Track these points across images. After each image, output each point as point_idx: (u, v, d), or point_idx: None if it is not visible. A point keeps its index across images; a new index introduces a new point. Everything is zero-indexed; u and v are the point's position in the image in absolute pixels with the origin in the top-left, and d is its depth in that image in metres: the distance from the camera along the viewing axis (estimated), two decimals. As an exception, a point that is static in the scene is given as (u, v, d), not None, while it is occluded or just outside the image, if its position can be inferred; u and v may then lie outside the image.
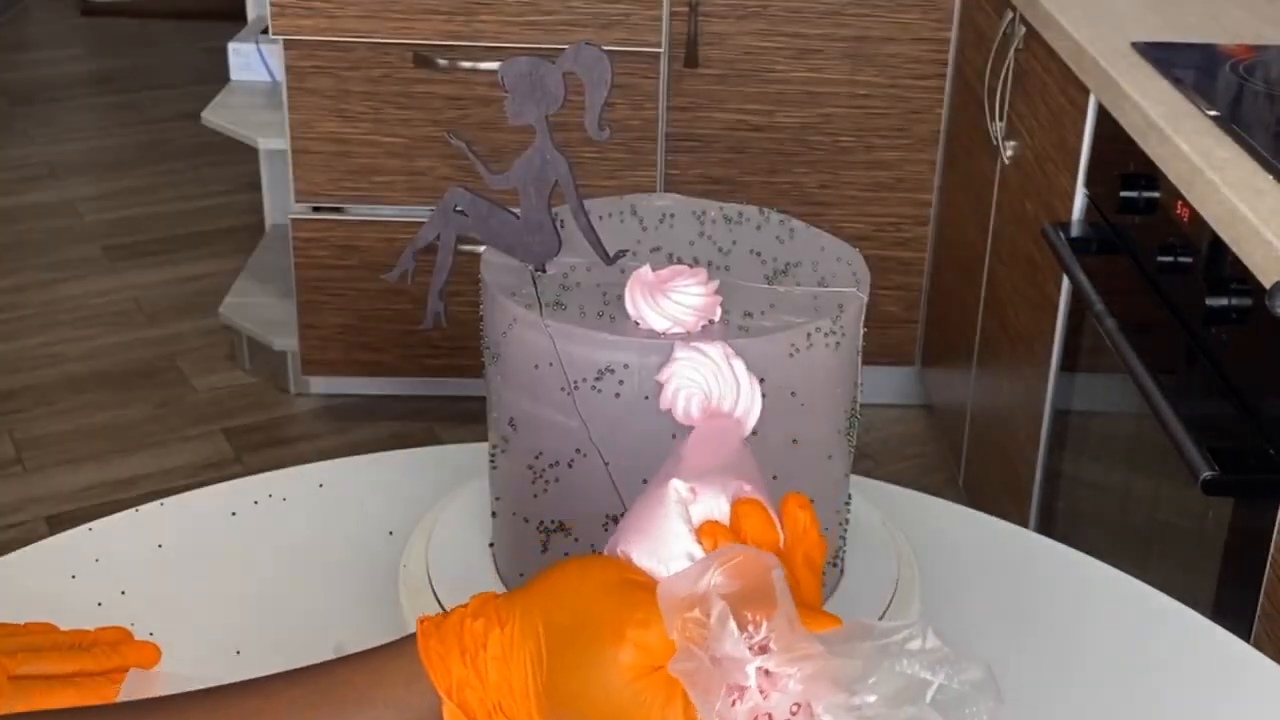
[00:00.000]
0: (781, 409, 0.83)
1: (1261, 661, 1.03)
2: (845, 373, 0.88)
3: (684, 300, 0.82)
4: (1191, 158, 1.57)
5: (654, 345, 0.81)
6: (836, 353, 0.85)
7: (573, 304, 0.86)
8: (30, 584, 1.06)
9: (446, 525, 0.98)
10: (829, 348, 0.84)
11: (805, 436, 0.86)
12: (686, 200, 0.99)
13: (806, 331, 0.83)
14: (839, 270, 0.90)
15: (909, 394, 3.01)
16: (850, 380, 0.89)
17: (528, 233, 0.89)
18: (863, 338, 0.91)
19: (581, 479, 0.85)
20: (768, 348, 0.82)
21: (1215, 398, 1.53)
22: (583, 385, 0.83)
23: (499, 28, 2.57)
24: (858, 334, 0.88)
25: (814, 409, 0.86)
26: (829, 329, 0.84)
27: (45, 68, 4.91)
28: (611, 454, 0.84)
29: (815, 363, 0.84)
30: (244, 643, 0.98)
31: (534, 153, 0.87)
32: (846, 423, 0.90)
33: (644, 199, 0.99)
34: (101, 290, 3.44)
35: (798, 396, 0.84)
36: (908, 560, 0.97)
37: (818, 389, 0.85)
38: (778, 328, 0.83)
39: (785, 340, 0.83)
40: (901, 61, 2.72)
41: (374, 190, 2.72)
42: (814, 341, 0.83)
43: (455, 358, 2.85)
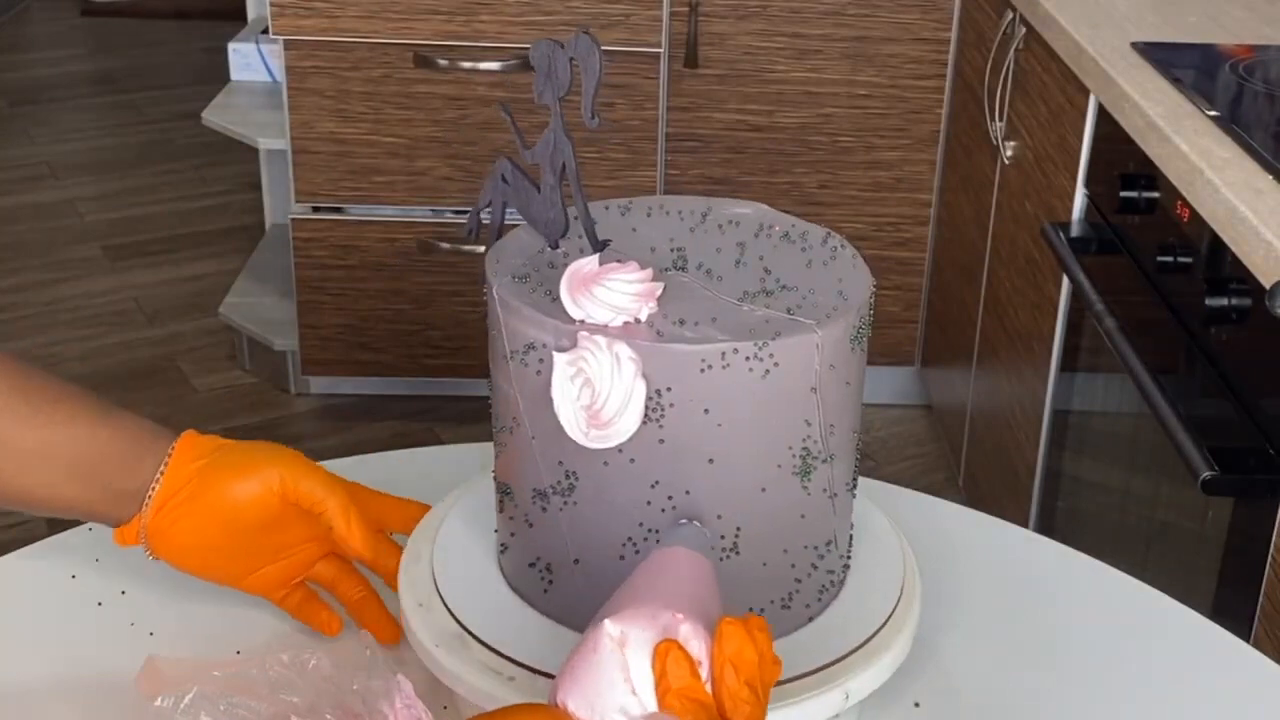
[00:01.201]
0: (695, 423, 0.82)
1: (1261, 661, 1.03)
2: (785, 407, 0.83)
3: (605, 295, 0.83)
4: (1191, 158, 1.57)
5: (566, 330, 0.82)
6: (765, 381, 0.82)
7: (539, 281, 0.87)
8: (30, 584, 1.06)
9: (449, 524, 0.98)
10: (752, 372, 0.81)
11: (724, 459, 0.84)
12: (766, 212, 0.97)
13: (721, 350, 0.81)
14: (826, 302, 0.86)
15: (909, 394, 3.01)
16: (797, 417, 0.84)
17: (543, 208, 0.90)
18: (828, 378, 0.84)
19: (518, 447, 0.88)
20: (673, 357, 0.81)
21: (1215, 398, 1.53)
22: (516, 357, 0.85)
23: (499, 28, 2.57)
24: (810, 371, 0.83)
25: (734, 433, 0.83)
26: (751, 353, 0.81)
27: (45, 68, 4.91)
28: (535, 429, 0.85)
29: (734, 385, 0.82)
30: (244, 643, 0.98)
31: (549, 133, 0.88)
32: (799, 462, 0.85)
33: (724, 204, 0.97)
34: (101, 290, 3.45)
35: (711, 415, 0.82)
36: (909, 562, 0.97)
37: (739, 413, 0.82)
38: (695, 339, 0.82)
39: (695, 354, 0.81)
40: (901, 61, 2.72)
41: (374, 190, 2.72)
42: (730, 362, 0.81)
43: (455, 358, 2.86)
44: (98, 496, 0.93)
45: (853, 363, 0.87)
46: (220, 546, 0.95)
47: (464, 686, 0.86)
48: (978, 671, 0.99)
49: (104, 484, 0.93)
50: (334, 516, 0.94)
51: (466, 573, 0.94)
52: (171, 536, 0.94)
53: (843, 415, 0.87)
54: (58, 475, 0.93)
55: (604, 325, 0.83)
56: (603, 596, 0.83)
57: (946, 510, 1.18)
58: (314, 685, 0.82)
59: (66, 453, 0.92)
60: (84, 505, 0.95)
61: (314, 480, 0.95)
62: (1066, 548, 1.14)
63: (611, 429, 0.82)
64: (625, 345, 0.81)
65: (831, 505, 0.89)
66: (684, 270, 0.90)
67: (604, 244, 0.91)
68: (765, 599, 0.88)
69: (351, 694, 0.82)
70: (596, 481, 0.84)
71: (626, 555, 0.85)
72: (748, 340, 0.81)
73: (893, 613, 0.92)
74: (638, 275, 0.84)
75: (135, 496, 0.94)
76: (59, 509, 0.95)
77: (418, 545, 0.97)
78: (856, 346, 0.87)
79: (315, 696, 0.82)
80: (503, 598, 0.92)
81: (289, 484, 0.94)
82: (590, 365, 0.81)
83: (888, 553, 0.97)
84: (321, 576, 0.99)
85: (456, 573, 0.94)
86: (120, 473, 0.93)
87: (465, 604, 0.91)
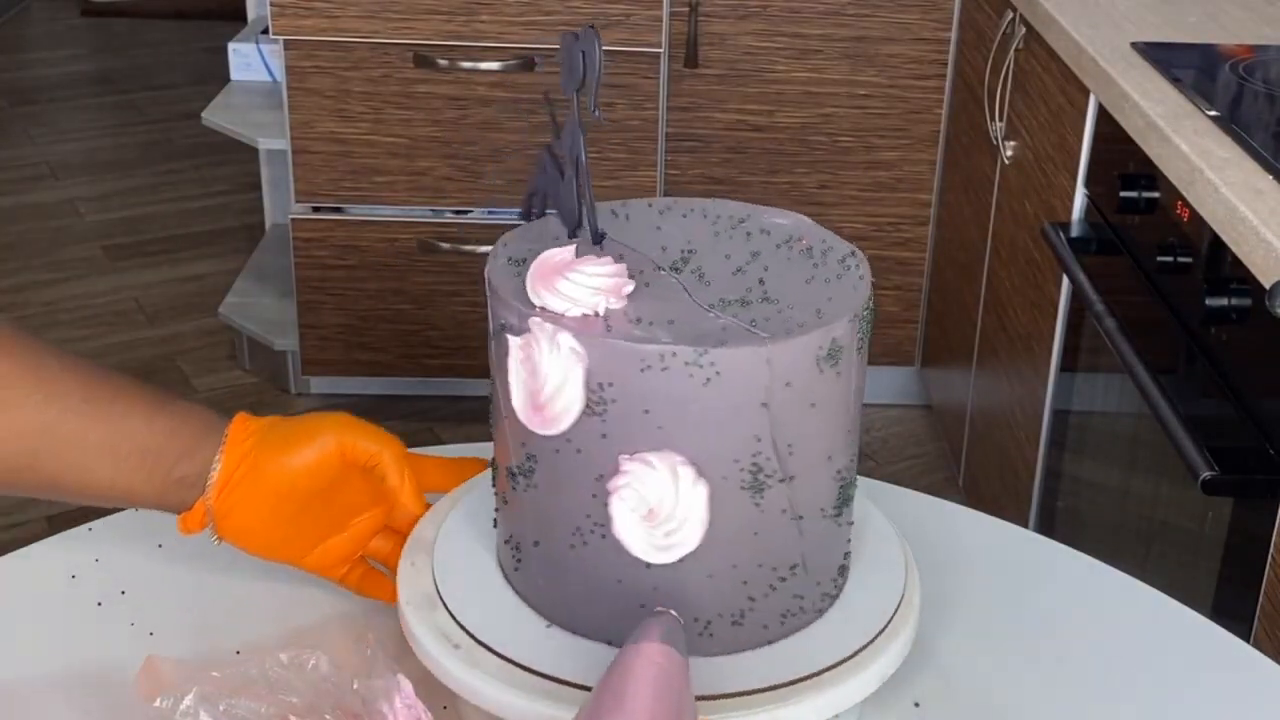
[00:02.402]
0: (636, 422, 0.82)
1: (1261, 661, 1.03)
2: (729, 418, 0.82)
3: (565, 287, 0.84)
4: (1191, 158, 1.57)
5: (523, 314, 0.84)
6: (707, 389, 0.81)
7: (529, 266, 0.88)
8: (30, 584, 1.06)
9: (449, 524, 0.98)
10: (693, 379, 0.81)
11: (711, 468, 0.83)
12: (805, 225, 0.95)
13: (660, 352, 0.81)
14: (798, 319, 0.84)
15: (909, 394, 3.01)
16: (744, 431, 0.83)
17: (566, 197, 0.91)
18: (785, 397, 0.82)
19: (498, 425, 0.89)
20: (614, 354, 0.81)
21: (1215, 398, 1.53)
22: (494, 336, 0.87)
23: (499, 28, 2.57)
24: (758, 386, 0.82)
25: (676, 436, 0.82)
26: (690, 359, 0.80)
27: (45, 68, 4.91)
28: (506, 408, 0.87)
29: (674, 388, 0.81)
30: (244, 643, 0.98)
31: (568, 123, 0.89)
32: (748, 477, 0.84)
33: (765, 213, 0.96)
34: (101, 290, 3.45)
35: (651, 415, 0.82)
36: (909, 562, 0.97)
37: (680, 417, 0.82)
38: (639, 339, 0.82)
39: (635, 353, 0.81)
40: (901, 61, 2.73)
41: (374, 190, 2.72)
42: (670, 365, 0.80)
43: (455, 358, 2.86)
44: (160, 484, 0.95)
45: (822, 384, 0.84)
46: (283, 519, 0.96)
47: (472, 693, 0.86)
48: (978, 671, 0.99)
49: (165, 471, 0.95)
50: (388, 469, 0.96)
51: (470, 572, 0.94)
52: (236, 517, 0.96)
53: (807, 438, 0.85)
54: (121, 467, 0.94)
55: (560, 315, 0.83)
56: (556, 584, 0.87)
57: (946, 510, 1.18)
58: (313, 685, 0.83)
59: (128, 445, 0.94)
60: (147, 494, 0.96)
61: (369, 437, 0.96)
62: (1066, 548, 1.14)
63: (549, 415, 0.83)
64: (569, 335, 0.82)
65: (797, 528, 0.87)
66: (678, 272, 0.89)
67: (602, 236, 0.92)
68: (711, 611, 0.87)
69: (351, 694, 0.82)
70: (549, 467, 0.86)
71: (575, 545, 0.86)
72: (688, 346, 0.81)
73: (893, 613, 0.92)
74: (605, 270, 0.85)
75: (196, 482, 0.95)
76: (121, 500, 0.97)
77: (417, 544, 0.97)
78: (828, 368, 0.84)
79: (315, 697, 0.82)
80: (505, 600, 0.92)
81: (346, 444, 0.96)
82: (534, 351, 0.83)
83: (888, 553, 0.97)
84: (378, 552, 1.01)
85: (458, 571, 0.94)
86: (181, 459, 0.95)
87: (465, 605, 0.91)
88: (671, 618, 0.82)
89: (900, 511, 1.03)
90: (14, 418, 0.91)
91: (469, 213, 2.75)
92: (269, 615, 1.02)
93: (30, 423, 0.92)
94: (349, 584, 1.01)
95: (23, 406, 0.92)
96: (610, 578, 0.86)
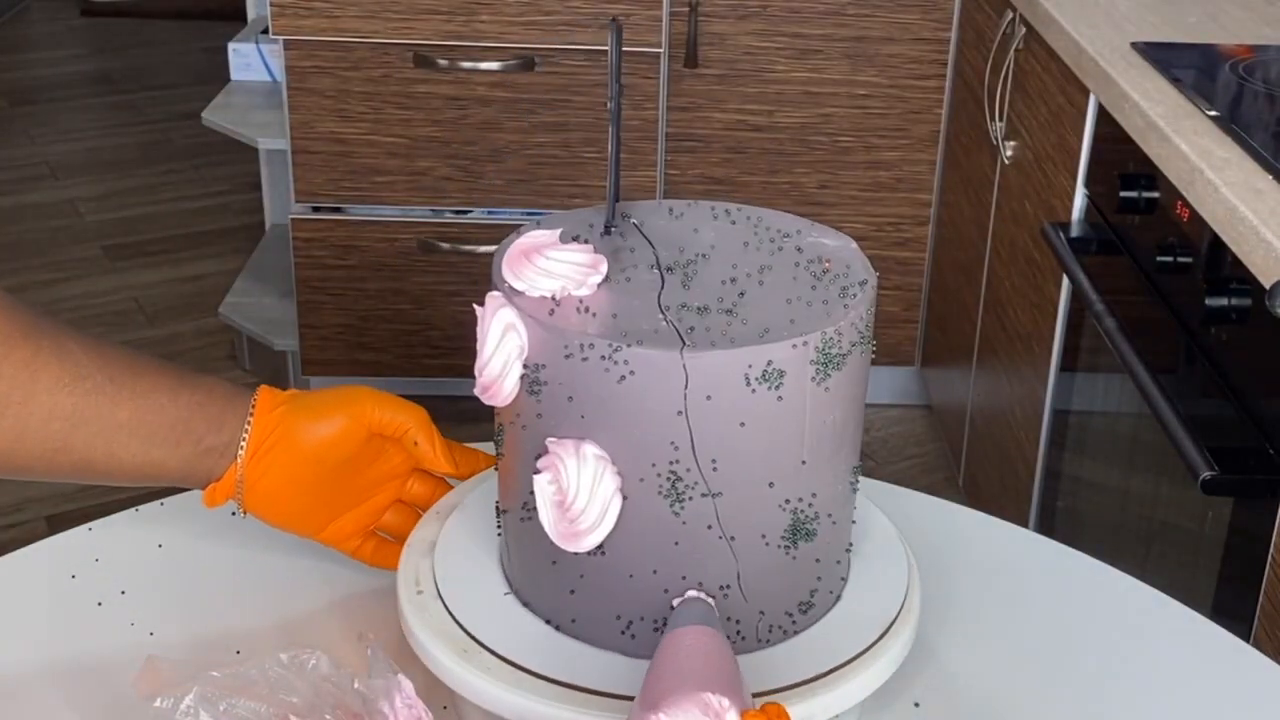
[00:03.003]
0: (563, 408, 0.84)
1: (1261, 661, 1.03)
2: (644, 421, 0.81)
3: (528, 270, 0.86)
4: (1191, 158, 1.57)
5: (494, 296, 0.86)
6: (621, 387, 0.81)
7: None
8: (30, 584, 1.06)
9: (449, 523, 0.98)
10: (608, 374, 0.80)
11: (628, 466, 0.83)
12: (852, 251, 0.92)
13: (580, 342, 0.81)
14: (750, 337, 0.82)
15: (909, 394, 3.01)
16: (660, 436, 0.82)
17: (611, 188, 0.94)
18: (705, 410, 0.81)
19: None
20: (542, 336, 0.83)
21: (1215, 398, 1.53)
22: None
23: (499, 28, 2.57)
24: (674, 394, 0.80)
25: (595, 428, 0.83)
26: (606, 353, 0.80)
27: (45, 68, 4.91)
28: None
29: (591, 381, 0.81)
30: (244, 643, 0.98)
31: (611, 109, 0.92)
32: (665, 484, 0.83)
33: (817, 230, 0.94)
34: (101, 290, 3.45)
35: (575, 403, 0.83)
36: (909, 562, 0.97)
37: (598, 411, 0.82)
38: (566, 326, 0.83)
39: (559, 338, 0.82)
40: (901, 61, 2.73)
41: (374, 190, 2.72)
42: (588, 356, 0.81)
43: (455, 358, 2.85)
44: (189, 455, 0.96)
45: (754, 405, 0.81)
46: (310, 490, 0.98)
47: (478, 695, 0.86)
48: (978, 671, 0.99)
49: (194, 442, 0.96)
50: (418, 432, 0.99)
51: (471, 571, 0.94)
52: (264, 485, 0.97)
53: (737, 456, 0.82)
54: (150, 442, 0.95)
55: (520, 293, 0.85)
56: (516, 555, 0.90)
57: (946, 510, 1.18)
58: (313, 685, 0.82)
59: (156, 420, 0.95)
60: (175, 467, 0.96)
61: (395, 406, 0.99)
62: (1066, 548, 1.14)
63: (493, 390, 0.86)
64: (510, 312, 0.84)
65: (729, 548, 0.85)
66: (671, 272, 0.89)
67: (609, 228, 0.93)
68: (633, 612, 0.87)
69: (351, 694, 0.82)
70: (509, 438, 0.89)
71: (525, 519, 0.88)
72: (604, 339, 0.81)
73: (895, 614, 0.92)
74: (575, 259, 0.86)
75: (225, 451, 0.97)
76: (150, 476, 0.97)
77: (417, 547, 0.97)
78: (763, 388, 0.81)
79: (315, 696, 0.82)
80: (508, 603, 0.92)
81: (373, 414, 0.98)
82: (482, 325, 0.85)
83: (888, 553, 0.97)
84: (390, 525, 1.03)
85: (459, 571, 0.94)
86: (209, 431, 0.96)
87: (466, 606, 0.91)
88: (703, 604, 0.83)
89: (900, 511, 1.03)
90: (44, 402, 0.92)
91: (469, 213, 2.75)
92: (269, 615, 1.02)
93: (60, 406, 0.93)
94: (362, 556, 1.02)
95: (53, 391, 0.92)
96: (546, 557, 0.88)
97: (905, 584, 0.94)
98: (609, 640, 0.88)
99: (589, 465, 0.83)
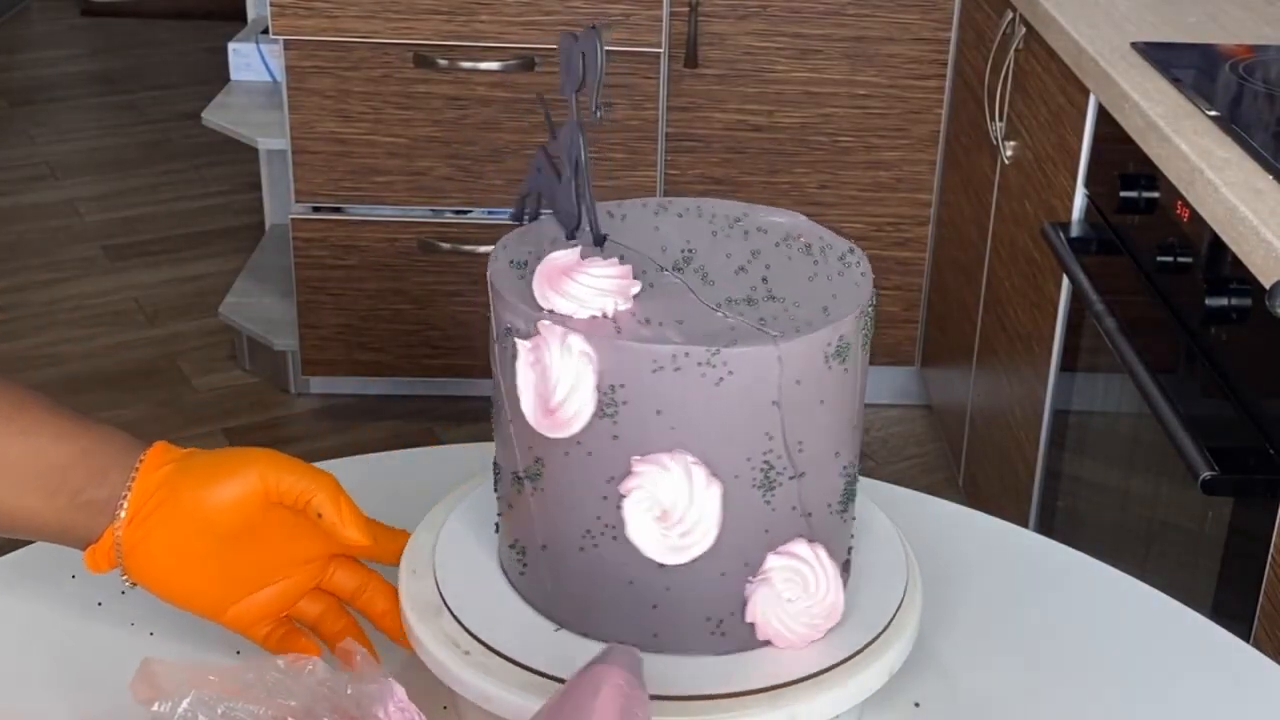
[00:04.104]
0: (648, 423, 0.82)
1: (1261, 661, 1.03)
2: (742, 417, 0.83)
3: (573, 289, 0.84)
4: (1191, 158, 1.57)
5: (531, 317, 0.83)
6: (719, 389, 0.81)
7: (532, 269, 0.87)
8: (30, 584, 1.06)
9: (450, 523, 0.98)
10: (705, 378, 0.81)
11: (723, 466, 0.84)
12: (801, 223, 0.95)
13: (672, 353, 0.81)
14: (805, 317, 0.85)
15: (909, 394, 3.01)
16: (756, 429, 0.83)
17: (564, 199, 0.91)
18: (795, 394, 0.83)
19: (502, 429, 0.89)
20: (626, 355, 0.81)
21: (1215, 398, 1.53)
22: (498, 340, 0.86)
23: (499, 28, 2.57)
24: (769, 384, 0.82)
25: (689, 437, 0.83)
26: (703, 359, 0.80)
27: (45, 68, 4.91)
28: (513, 411, 0.86)
29: (686, 389, 0.81)
30: (244, 643, 0.98)
31: (567, 125, 0.89)
32: (760, 476, 0.85)
33: (761, 211, 0.96)
34: (101, 290, 3.45)
35: (664, 416, 0.82)
36: (909, 562, 0.97)
37: (692, 418, 0.82)
38: (650, 339, 0.82)
39: (647, 354, 0.81)
40: (901, 61, 2.72)
41: (374, 190, 2.72)
42: (682, 366, 0.81)
43: (455, 358, 2.86)
44: (63, 508, 0.87)
45: (831, 381, 0.85)
46: (199, 561, 0.88)
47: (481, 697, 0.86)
48: (978, 671, 0.99)
49: (71, 494, 0.87)
50: (323, 504, 0.88)
51: (470, 571, 0.94)
52: (147, 551, 0.87)
53: (816, 434, 0.85)
54: (21, 488, 0.86)
55: (568, 317, 0.83)
56: (565, 587, 0.87)
57: (946, 510, 1.18)
58: (310, 689, 0.82)
59: (31, 464, 0.87)
60: (51, 518, 0.87)
61: (297, 473, 0.88)
62: (1066, 548, 1.14)
63: (560, 418, 0.83)
64: (579, 338, 0.82)
65: (806, 524, 0.87)
66: (681, 272, 0.90)
67: (603, 238, 0.91)
68: (725, 610, 0.87)
69: (347, 698, 0.82)
70: (559, 470, 0.86)
71: (585, 548, 0.86)
72: (700, 345, 0.81)
73: (894, 614, 0.92)
74: (611, 271, 0.85)
75: (104, 507, 0.87)
76: (23, 526, 0.88)
77: (417, 544, 0.97)
78: (836, 364, 0.84)
79: (311, 701, 0.82)
80: (513, 606, 0.92)
81: (270, 481, 0.87)
82: (544, 354, 0.82)
83: (888, 553, 0.97)
84: (305, 614, 0.94)
85: (458, 571, 0.93)
86: (90, 482, 0.87)
87: (469, 608, 0.91)
88: (633, 653, 0.81)
89: (900, 511, 1.03)
90: None
91: (469, 213, 2.75)
92: (268, 616, 1.02)
93: None
94: (269, 645, 0.92)
95: None
96: (621, 579, 0.86)
97: (905, 584, 0.94)
98: (697, 644, 0.87)
99: (691, 475, 0.82)
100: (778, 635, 0.87)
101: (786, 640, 0.87)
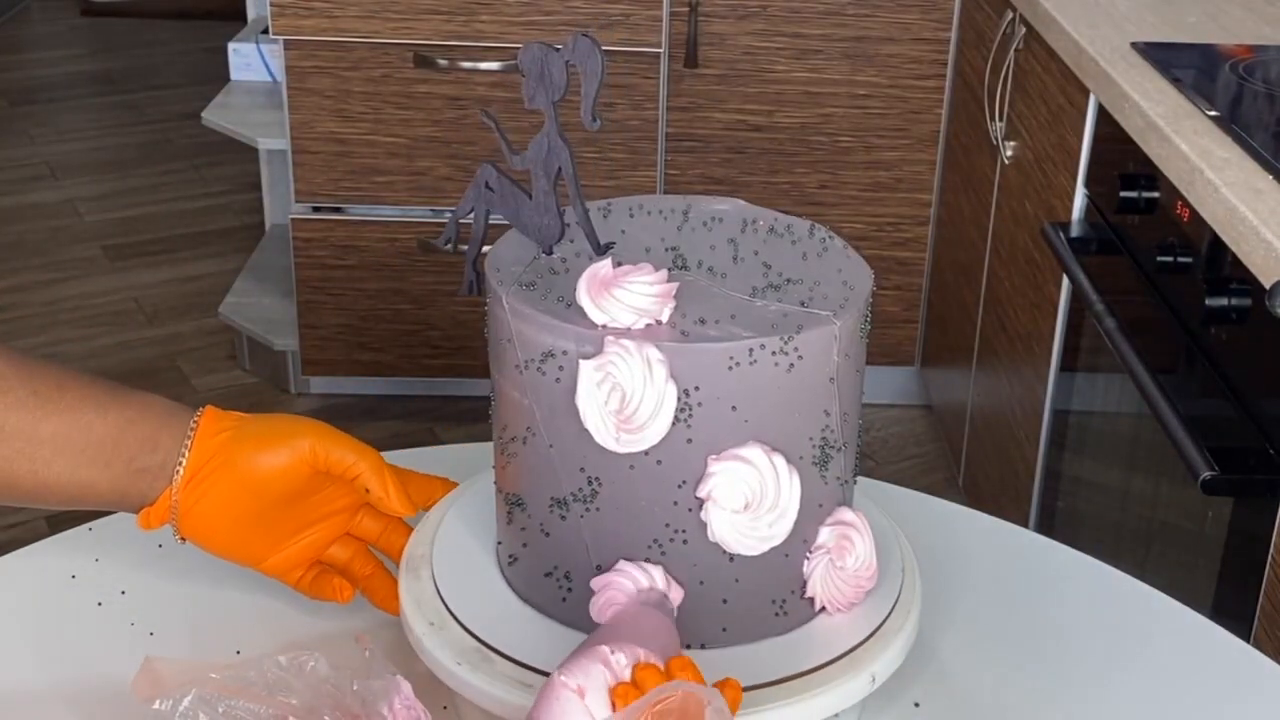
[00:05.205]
0: (723, 421, 0.82)
1: (1261, 661, 1.03)
2: (807, 399, 0.84)
3: (626, 298, 0.83)
4: (1191, 158, 1.57)
5: (589, 336, 0.82)
6: (790, 375, 0.82)
7: (547, 287, 0.86)
8: (30, 584, 1.06)
9: (449, 523, 0.98)
10: (778, 367, 0.82)
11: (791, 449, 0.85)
12: (746, 208, 0.97)
13: (749, 347, 0.81)
14: (835, 294, 0.87)
15: (909, 394, 3.01)
16: (817, 408, 0.85)
17: (536, 214, 0.90)
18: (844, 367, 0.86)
19: (532, 457, 0.87)
20: (702, 357, 0.81)
21: (1215, 398, 1.53)
22: (531, 365, 0.85)
23: (499, 28, 2.57)
24: (829, 362, 0.85)
25: (760, 428, 0.83)
26: (777, 348, 0.82)
27: (45, 68, 4.91)
28: (554, 437, 0.85)
29: (760, 380, 0.82)
30: (245, 641, 0.98)
31: (542, 137, 0.88)
32: (818, 453, 0.87)
33: (702, 201, 0.98)
34: (101, 290, 3.45)
35: (738, 411, 0.83)
36: (910, 562, 0.97)
37: (764, 408, 0.83)
38: (721, 337, 0.82)
39: (724, 352, 0.81)
40: (901, 61, 2.72)
41: (374, 190, 2.72)
42: (758, 358, 0.81)
43: (455, 358, 2.86)
44: (119, 475, 0.92)
45: (860, 351, 0.89)
46: (249, 520, 0.94)
47: (492, 701, 0.86)
48: (978, 671, 0.99)
49: (126, 462, 0.92)
50: (369, 478, 0.94)
51: (474, 583, 0.93)
52: (201, 512, 0.93)
53: (854, 402, 0.89)
54: (78, 460, 0.91)
55: (627, 329, 0.82)
56: None
57: (946, 510, 1.18)
58: (312, 687, 0.82)
59: (83, 437, 0.91)
60: (107, 487, 0.93)
61: (344, 446, 0.94)
62: (1066, 548, 1.14)
63: (644, 432, 0.82)
64: (654, 348, 0.81)
65: (843, 492, 0.91)
66: (686, 269, 0.90)
67: (608, 247, 0.90)
68: (786, 589, 0.89)
69: (350, 695, 0.82)
70: (621, 485, 0.84)
71: (653, 556, 0.86)
72: (773, 335, 0.82)
73: (892, 613, 0.92)
74: (654, 276, 0.84)
75: (159, 472, 0.93)
76: (80, 497, 0.93)
77: (417, 543, 0.97)
78: (863, 335, 0.88)
79: (313, 698, 0.82)
80: (515, 609, 0.92)
81: (319, 452, 0.94)
82: (620, 370, 0.81)
83: (888, 553, 0.97)
84: (335, 559, 0.99)
85: (464, 584, 0.93)
86: (141, 450, 0.92)
87: (479, 619, 0.90)
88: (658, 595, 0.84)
89: (900, 511, 1.03)
90: None
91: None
92: (268, 616, 1.02)
93: None
94: (301, 587, 0.99)
95: None
96: (692, 582, 0.86)
97: (905, 584, 0.94)
98: (763, 629, 0.88)
99: (772, 466, 0.83)
100: (831, 603, 0.90)
101: (836, 606, 0.90)
